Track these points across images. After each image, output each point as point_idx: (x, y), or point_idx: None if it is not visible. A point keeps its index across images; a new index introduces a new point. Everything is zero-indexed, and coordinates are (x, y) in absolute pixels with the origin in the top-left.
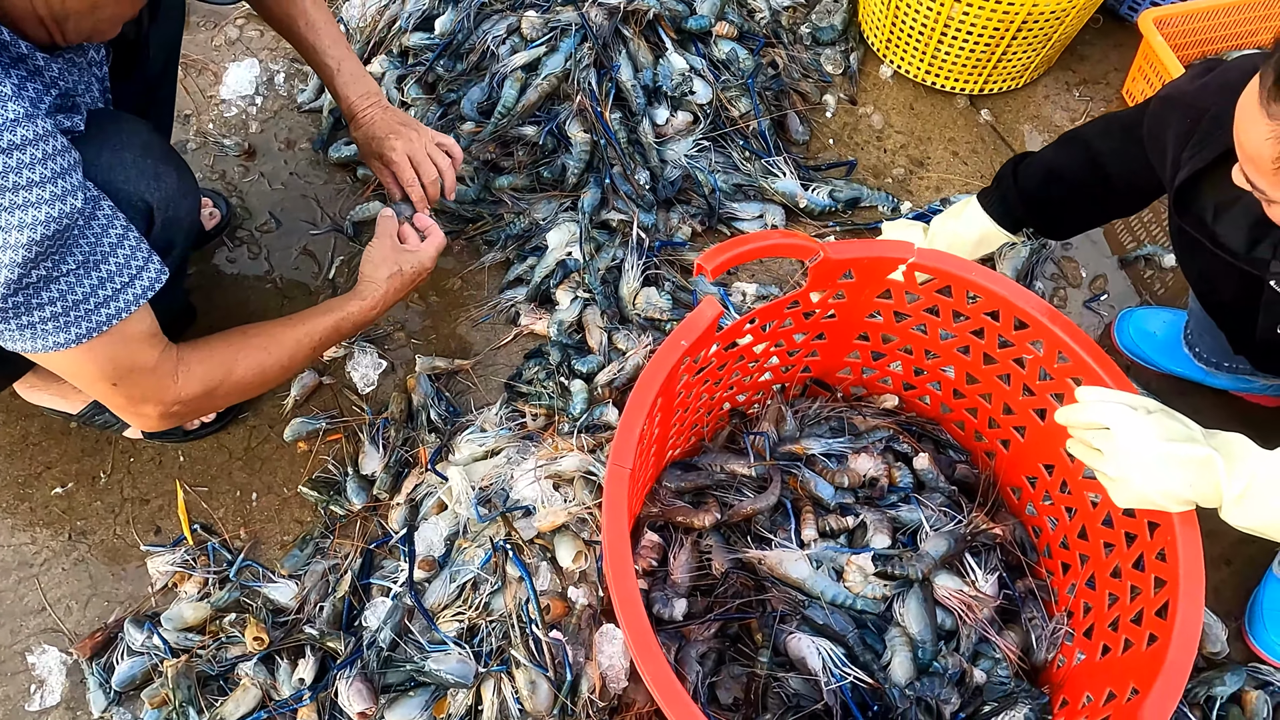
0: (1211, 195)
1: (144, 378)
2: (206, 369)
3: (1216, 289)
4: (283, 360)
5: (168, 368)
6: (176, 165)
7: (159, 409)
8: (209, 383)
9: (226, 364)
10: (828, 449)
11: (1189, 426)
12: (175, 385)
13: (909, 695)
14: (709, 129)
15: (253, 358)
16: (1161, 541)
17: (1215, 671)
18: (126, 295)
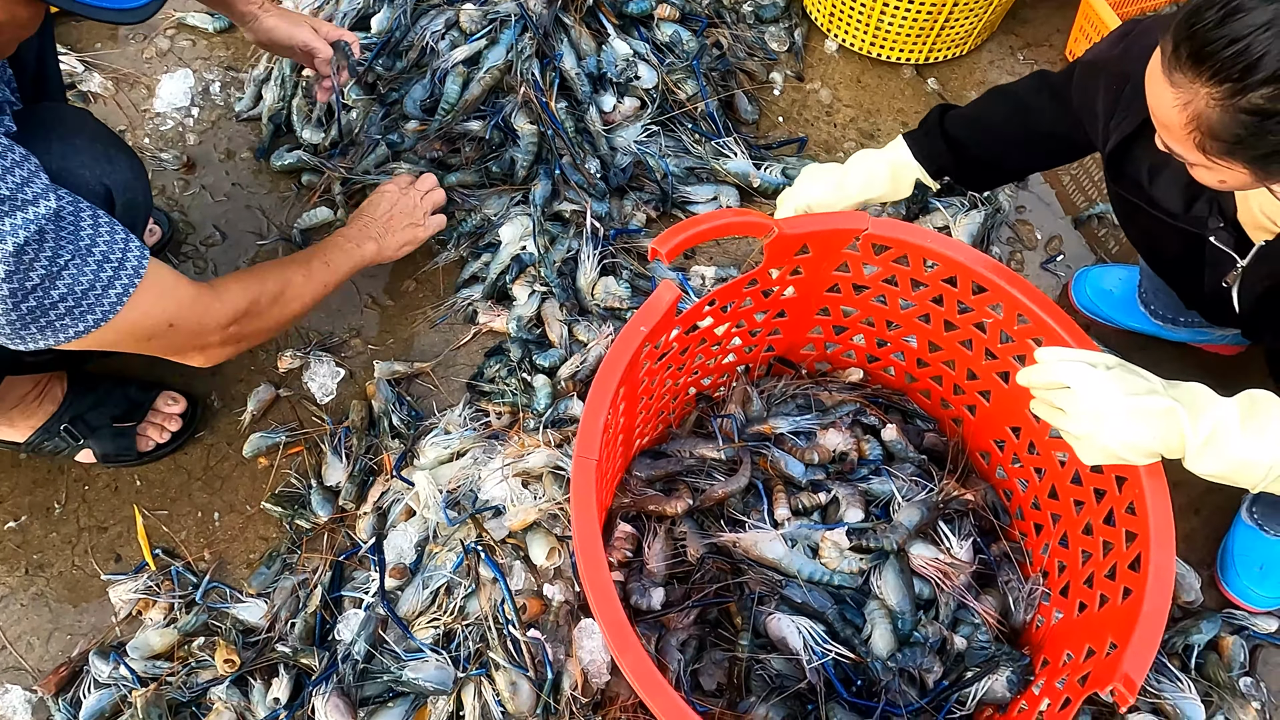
0: (1145, 158)
1: (192, 308)
2: (240, 285)
3: (1160, 249)
4: (300, 271)
5: (208, 295)
6: (125, 149)
7: (218, 334)
8: (249, 293)
9: (256, 279)
10: (795, 426)
11: (1149, 380)
12: (221, 305)
13: (891, 668)
14: (657, 113)
15: (274, 271)
16: (1130, 495)
17: (1191, 620)
18: (135, 253)
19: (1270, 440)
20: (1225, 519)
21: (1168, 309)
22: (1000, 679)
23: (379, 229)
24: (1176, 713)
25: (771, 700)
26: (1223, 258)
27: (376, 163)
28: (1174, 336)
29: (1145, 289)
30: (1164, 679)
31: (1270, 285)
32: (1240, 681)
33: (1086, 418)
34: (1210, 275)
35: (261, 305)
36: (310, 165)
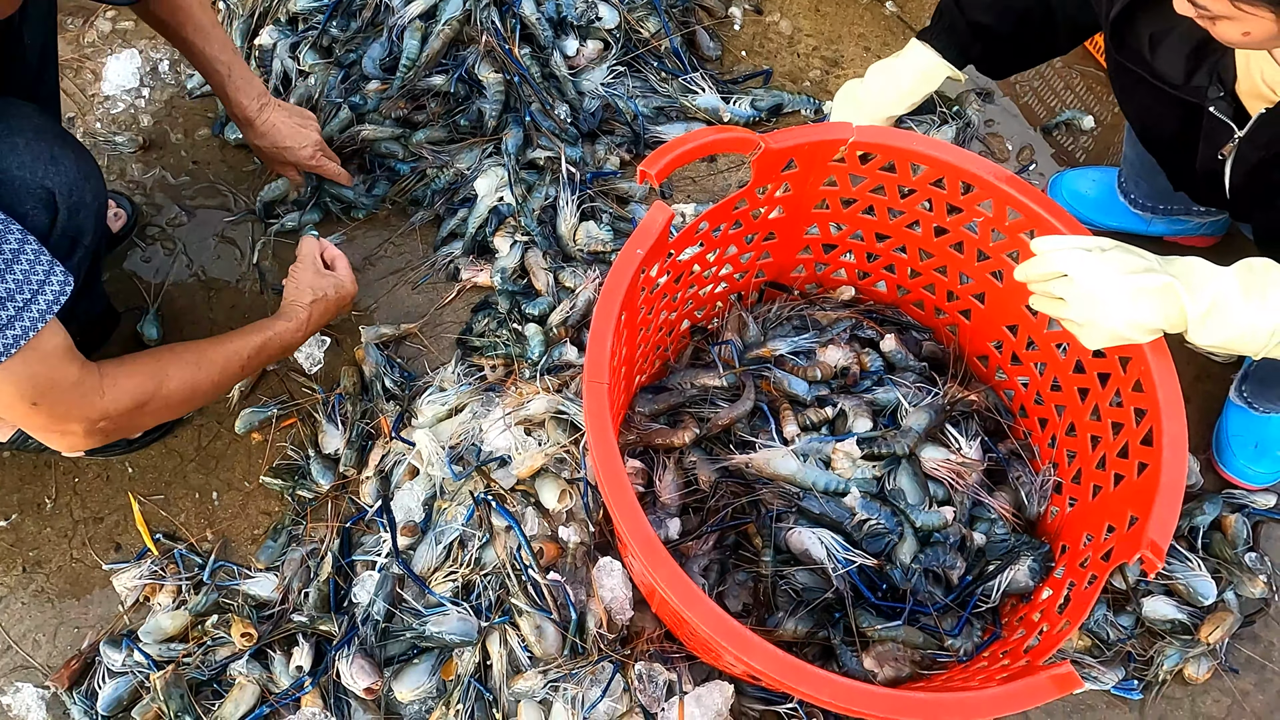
0: (1147, 27)
1: (66, 394)
2: (136, 383)
3: (1157, 124)
4: (213, 376)
5: (91, 382)
6: (74, 147)
7: (84, 425)
8: (139, 396)
9: (156, 377)
10: (795, 347)
11: (1146, 258)
12: (101, 400)
13: (915, 568)
14: (621, 54)
15: (184, 373)
16: (1136, 373)
17: (1194, 503)
18: (31, 312)
19: (1271, 304)
20: (1216, 405)
21: (1148, 197)
22: (1022, 568)
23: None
24: (1189, 591)
25: (799, 613)
26: (1219, 129)
27: (340, 127)
28: (1153, 229)
29: (1126, 176)
30: (1174, 560)
31: (1265, 156)
32: (1246, 557)
33: (1087, 302)
34: (1205, 149)
35: (151, 406)
36: None
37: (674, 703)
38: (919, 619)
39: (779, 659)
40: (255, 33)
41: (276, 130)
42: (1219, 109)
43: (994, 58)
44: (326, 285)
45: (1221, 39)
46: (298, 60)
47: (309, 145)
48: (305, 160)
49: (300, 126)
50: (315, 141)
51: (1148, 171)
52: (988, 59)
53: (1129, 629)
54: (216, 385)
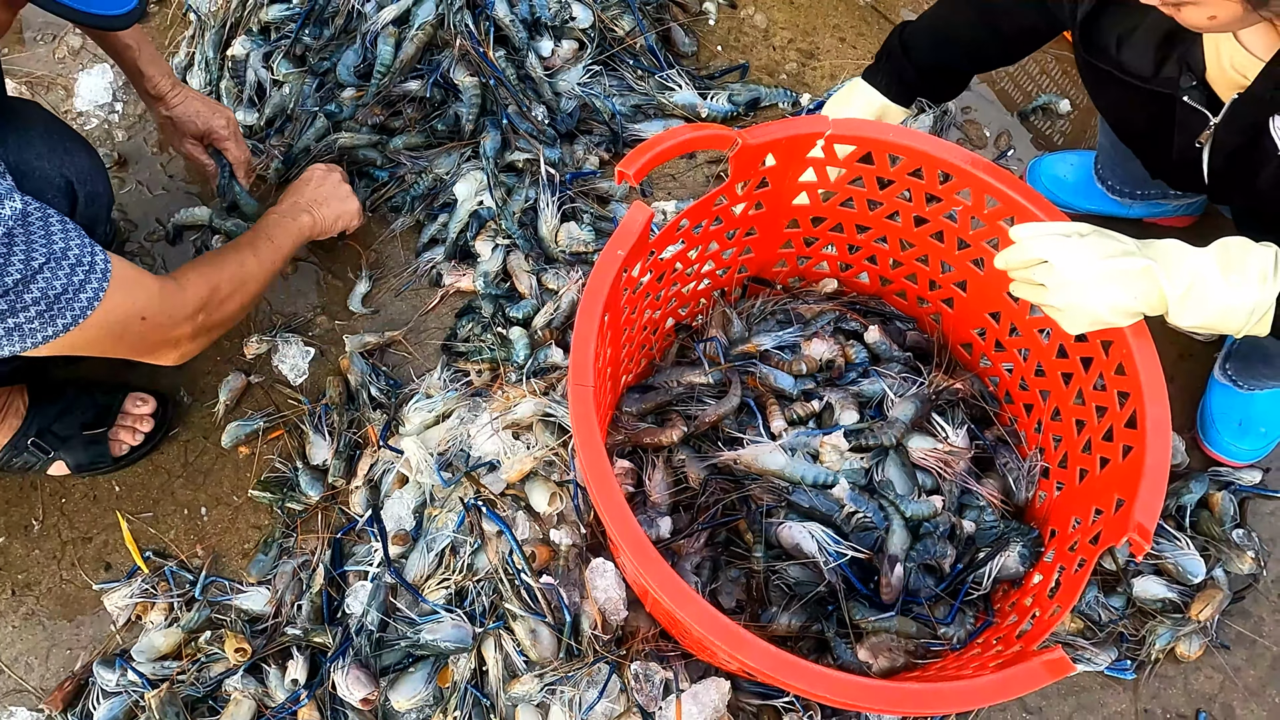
0: (1113, 25)
1: (159, 299)
2: (198, 273)
3: (1130, 117)
4: (250, 254)
5: (170, 285)
6: (80, 140)
7: (189, 324)
8: (209, 280)
9: (211, 264)
10: (779, 341)
11: (1123, 241)
12: (185, 294)
13: (908, 566)
14: (597, 53)
15: (227, 257)
16: (1118, 357)
17: (1180, 482)
18: (96, 269)
19: (1249, 282)
20: (1200, 383)
21: (1124, 183)
22: (1012, 554)
23: (308, 202)
24: (1179, 570)
25: (792, 607)
26: (1194, 118)
27: (317, 136)
28: (1130, 213)
29: (1103, 164)
30: (1162, 540)
31: (1243, 140)
32: (1233, 533)
33: (1067, 288)
34: (1181, 138)
35: (223, 291)
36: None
37: (671, 701)
38: (912, 609)
39: (772, 655)
40: (227, 44)
41: (189, 100)
42: (1192, 98)
43: (941, 90)
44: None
45: (1188, 25)
46: (271, 70)
47: (220, 118)
48: (220, 129)
49: (213, 105)
50: (229, 119)
51: (1122, 159)
52: (935, 92)
53: (1120, 610)
54: (259, 261)
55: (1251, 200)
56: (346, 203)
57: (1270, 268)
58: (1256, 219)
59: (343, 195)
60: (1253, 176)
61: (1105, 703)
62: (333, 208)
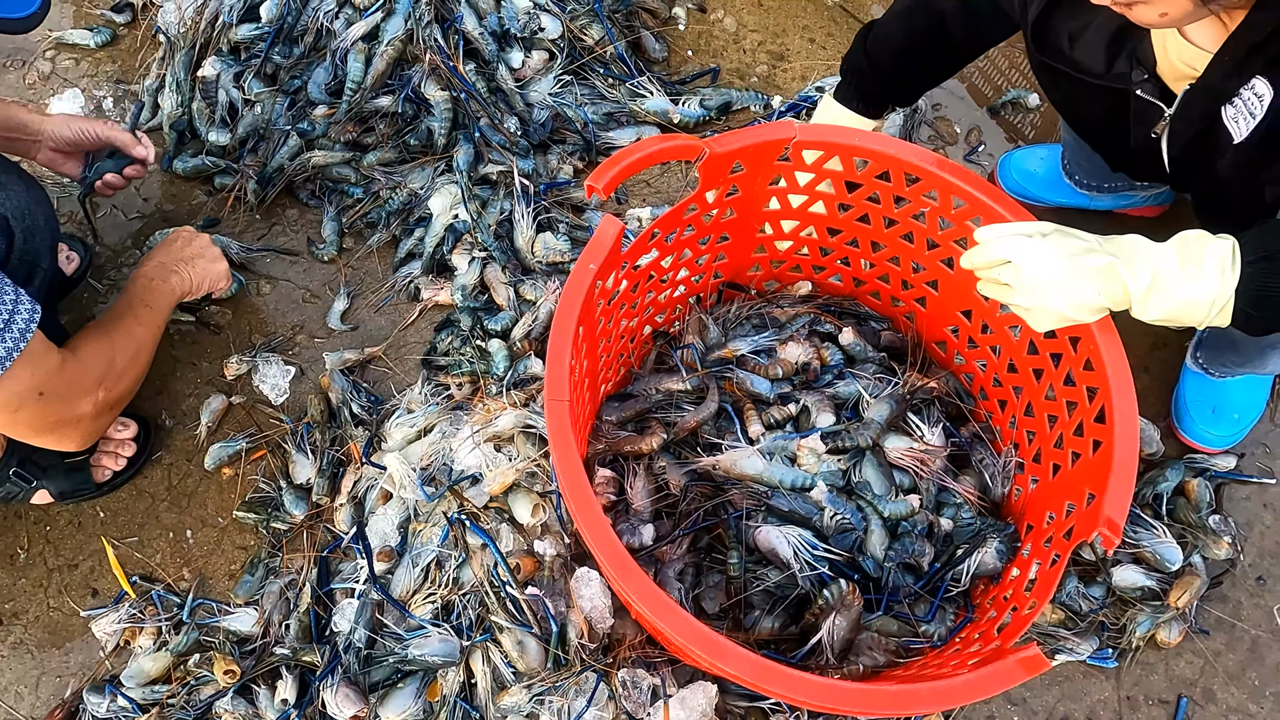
0: (1064, 26)
1: (60, 377)
2: (94, 346)
3: (1086, 114)
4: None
5: (71, 361)
6: (19, 173)
7: (90, 402)
8: (104, 353)
9: (103, 336)
10: (755, 346)
11: (1085, 239)
12: (86, 370)
13: (887, 566)
14: (567, 63)
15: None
16: (1085, 352)
17: (1156, 470)
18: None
19: (1209, 275)
20: (1174, 372)
21: (1092, 176)
22: (990, 550)
23: (174, 262)
24: (1156, 558)
25: (775, 611)
26: (1149, 110)
27: (290, 154)
28: (1100, 205)
29: (1069, 160)
30: (1140, 528)
31: (1199, 129)
32: (1210, 519)
33: (1032, 287)
34: (1137, 130)
35: (119, 363)
36: (219, 167)
37: (659, 707)
38: (892, 607)
39: (750, 662)
40: (198, 65)
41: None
42: (1146, 91)
43: (909, 95)
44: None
45: (1140, 22)
46: (243, 90)
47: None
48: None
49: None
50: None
51: (1087, 153)
52: (903, 98)
53: (1100, 599)
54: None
55: (1211, 187)
56: (214, 264)
57: (1228, 260)
58: (1217, 207)
59: (211, 256)
60: (1210, 165)
61: (1088, 692)
62: (199, 267)
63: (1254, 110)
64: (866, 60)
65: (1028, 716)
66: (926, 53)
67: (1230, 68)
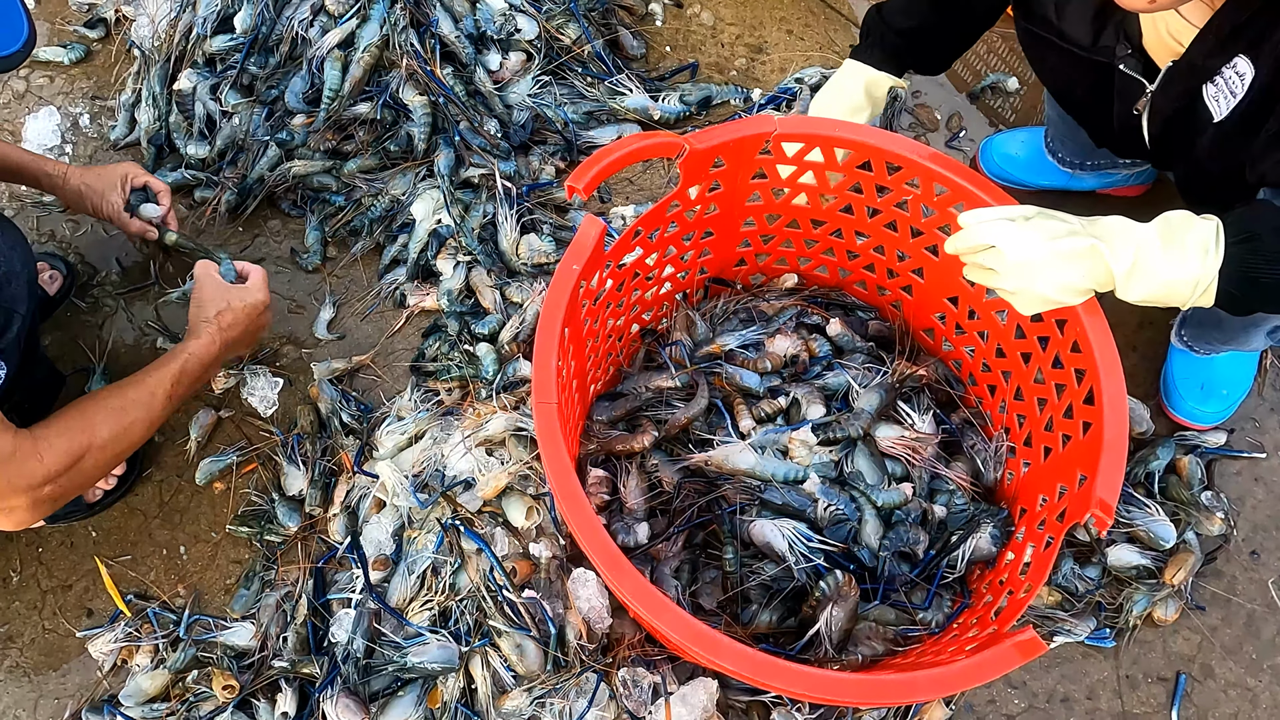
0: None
1: (5, 467)
2: (68, 439)
3: (1071, 86)
4: (140, 415)
5: (26, 448)
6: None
7: (29, 496)
8: (75, 450)
9: (86, 429)
10: (743, 340)
11: (1068, 221)
12: (41, 465)
13: (882, 556)
14: (545, 64)
15: (110, 419)
16: (1072, 335)
17: (1147, 449)
18: None
19: (1192, 255)
20: (1162, 350)
21: (1074, 154)
22: (984, 536)
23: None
24: (1150, 536)
25: (772, 604)
26: (1132, 85)
27: (270, 165)
28: (1082, 185)
29: (1051, 137)
30: (1133, 508)
31: (1179, 106)
32: (1202, 496)
33: (1016, 271)
34: (1120, 105)
35: (88, 460)
36: (199, 180)
37: (660, 705)
38: (889, 596)
39: (747, 657)
40: (174, 78)
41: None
42: (1129, 66)
43: (926, 57)
44: (229, 295)
45: (1130, 7)
46: (220, 101)
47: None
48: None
49: (103, 174)
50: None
51: (1071, 130)
52: (921, 60)
53: (1096, 580)
54: (147, 422)
55: (1190, 166)
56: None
57: (1211, 240)
58: (1198, 186)
59: (263, 324)
60: (1190, 143)
61: (1087, 672)
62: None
63: (1235, 89)
64: (879, 13)
65: (1028, 699)
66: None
67: (1213, 45)
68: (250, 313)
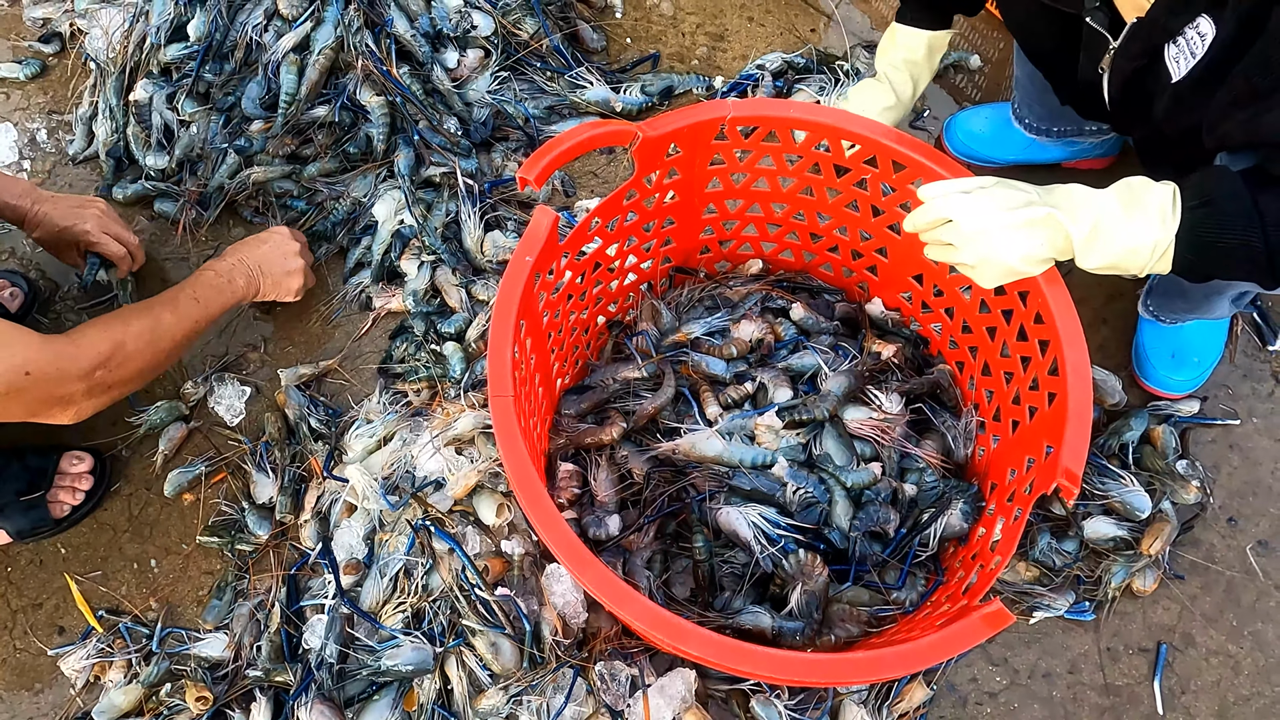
0: None
1: (41, 355)
2: (99, 329)
3: (1038, 36)
4: (168, 310)
5: (59, 343)
6: None
7: (83, 382)
8: (111, 338)
9: (119, 322)
10: (708, 328)
11: (1025, 190)
12: (77, 349)
13: (853, 536)
14: (503, 60)
15: (140, 313)
16: (1035, 306)
17: (1121, 420)
18: None
19: (1151, 219)
20: (1132, 323)
21: (1040, 119)
22: (955, 512)
23: (254, 265)
24: (1126, 507)
25: (743, 590)
26: (1097, 40)
27: (229, 173)
28: (1049, 155)
29: (1019, 101)
30: (1108, 479)
31: (1140, 65)
32: (1177, 465)
33: (974, 242)
34: (1085, 60)
35: (128, 348)
36: (159, 191)
37: (639, 697)
38: (862, 577)
39: (713, 642)
40: (129, 89)
41: (49, 218)
42: (1095, 19)
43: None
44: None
45: None
46: (176, 111)
47: (87, 222)
48: (86, 232)
49: (76, 208)
50: (95, 217)
51: (1038, 91)
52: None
53: (1074, 553)
54: (178, 318)
55: (1148, 129)
56: (293, 276)
57: (1169, 205)
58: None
59: (294, 266)
60: (1148, 105)
61: (1068, 646)
62: (276, 274)
63: (1195, 50)
64: None
65: (1010, 675)
66: None
67: (1178, 3)
68: (263, 239)
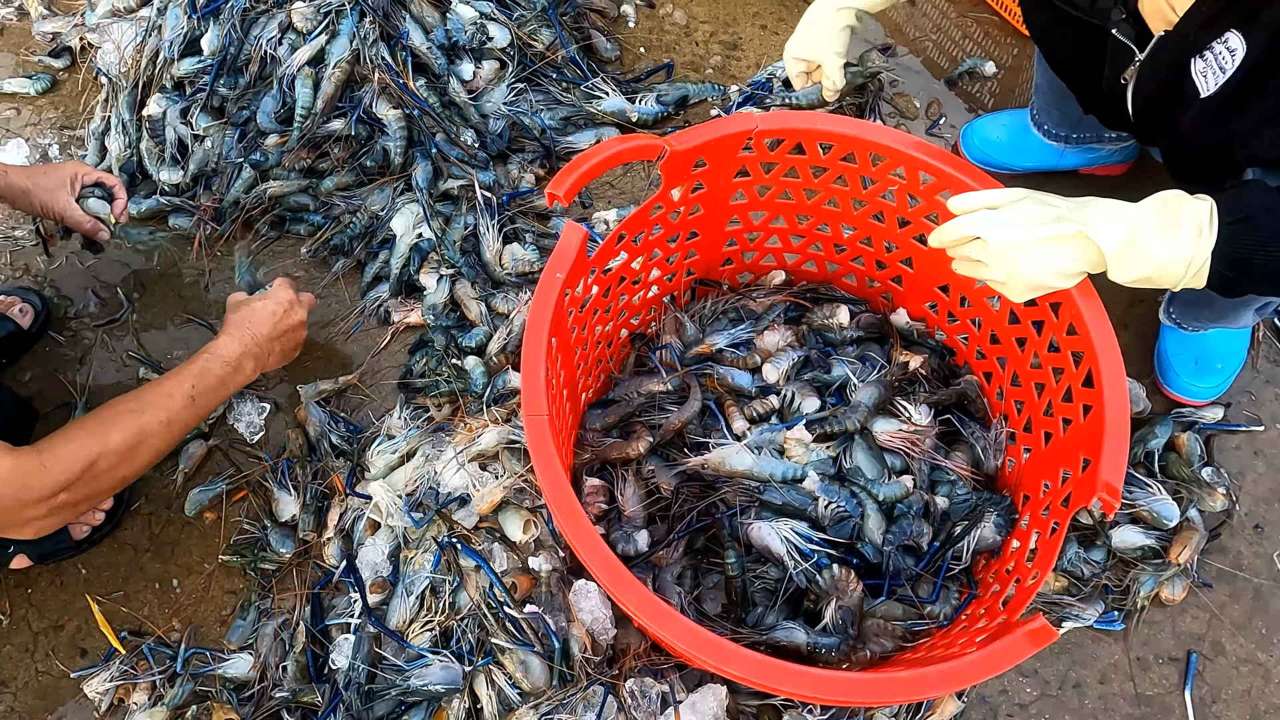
0: None
1: (8, 484)
2: (76, 446)
3: (1062, 46)
4: (157, 416)
5: (28, 463)
6: None
7: (42, 506)
8: (84, 458)
9: (97, 434)
10: (733, 339)
11: (1055, 205)
12: (47, 473)
13: (886, 550)
14: (519, 71)
15: (125, 421)
16: (1067, 318)
17: (1145, 428)
18: None
19: (1186, 235)
20: (1154, 328)
21: (1059, 125)
22: (988, 525)
23: (262, 344)
24: (1153, 516)
25: (777, 606)
26: (1123, 51)
27: (245, 187)
28: (1066, 162)
29: (1038, 108)
30: (1134, 488)
31: (1165, 79)
32: (1203, 472)
33: (1002, 260)
34: (1110, 71)
35: (102, 466)
36: (173, 206)
37: (670, 714)
38: (895, 591)
39: (756, 663)
40: (142, 104)
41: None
42: (1121, 31)
43: None
44: (253, 300)
45: None
46: (191, 125)
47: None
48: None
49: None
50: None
51: (1058, 98)
52: None
53: (1102, 563)
54: (165, 424)
55: (1174, 143)
56: (296, 345)
57: (1205, 221)
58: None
59: (299, 332)
60: (1174, 119)
61: (1098, 656)
62: (282, 347)
63: (1224, 64)
64: None
65: (1040, 687)
66: None
67: (1206, 18)
68: (274, 311)
